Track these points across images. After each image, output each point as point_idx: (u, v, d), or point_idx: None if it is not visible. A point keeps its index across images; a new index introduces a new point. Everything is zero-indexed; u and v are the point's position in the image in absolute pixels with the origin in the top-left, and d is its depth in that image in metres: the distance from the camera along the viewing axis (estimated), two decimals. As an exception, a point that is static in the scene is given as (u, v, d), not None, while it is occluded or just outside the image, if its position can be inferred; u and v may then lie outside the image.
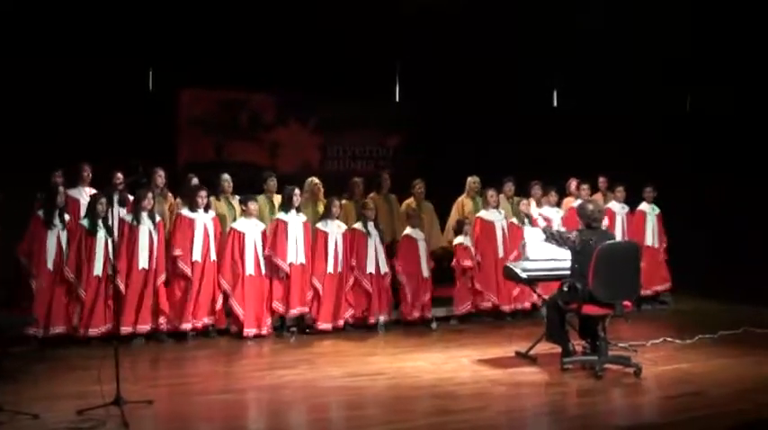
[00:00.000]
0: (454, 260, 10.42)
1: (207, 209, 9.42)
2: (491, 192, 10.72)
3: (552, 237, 7.74)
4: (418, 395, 6.75)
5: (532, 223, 10.58)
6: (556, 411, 6.49)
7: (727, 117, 13.37)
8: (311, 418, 6.32)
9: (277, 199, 10.27)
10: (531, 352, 8.08)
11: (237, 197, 10.14)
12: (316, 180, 10.66)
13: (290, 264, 9.50)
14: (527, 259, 8.55)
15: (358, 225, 10.03)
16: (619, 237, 10.93)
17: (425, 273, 10.20)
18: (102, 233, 8.83)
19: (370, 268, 9.90)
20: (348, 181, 11.00)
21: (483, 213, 10.71)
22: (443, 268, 10.62)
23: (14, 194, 9.34)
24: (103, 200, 8.87)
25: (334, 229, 9.82)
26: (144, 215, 9.06)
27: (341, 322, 9.77)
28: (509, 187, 11.32)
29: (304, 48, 12.52)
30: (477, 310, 10.44)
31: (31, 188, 9.50)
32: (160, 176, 9.89)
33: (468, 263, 10.31)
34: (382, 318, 9.90)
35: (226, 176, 10.17)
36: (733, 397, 6.60)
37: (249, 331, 9.26)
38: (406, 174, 12.05)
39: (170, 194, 10.11)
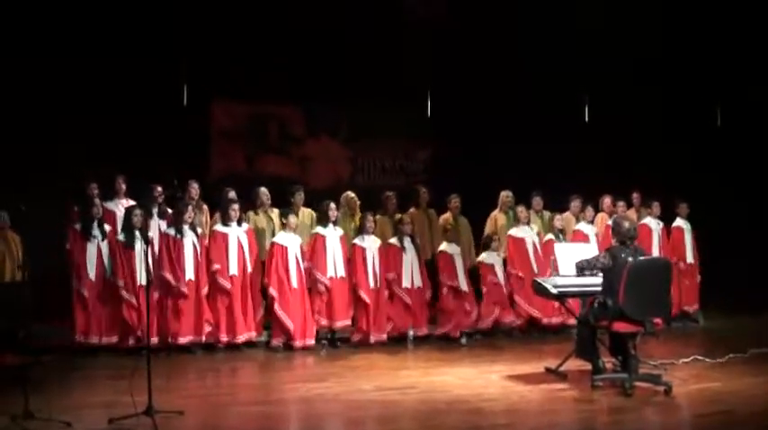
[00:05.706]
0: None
1: (240, 222, 9.51)
2: (521, 208, 10.73)
3: (584, 269, 7.70)
4: (449, 410, 6.74)
5: (568, 238, 10.59)
6: (586, 428, 6.47)
7: (756, 131, 13.32)
8: (343, 432, 6.36)
9: (303, 212, 10.31)
10: (561, 368, 8.06)
11: (276, 210, 10.22)
12: (352, 194, 10.74)
13: (330, 278, 9.58)
14: (558, 274, 8.54)
15: (394, 240, 10.08)
16: (655, 253, 10.84)
17: (464, 287, 10.22)
18: (140, 245, 8.77)
19: (406, 283, 9.95)
20: (379, 194, 11.02)
21: (513, 230, 10.71)
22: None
23: (52, 207, 9.53)
24: (138, 211, 8.96)
25: (371, 245, 9.87)
26: (186, 227, 9.17)
27: (384, 336, 9.81)
28: (537, 201, 11.31)
29: (334, 60, 12.62)
30: (510, 326, 10.43)
31: (68, 201, 9.69)
32: (194, 188, 9.99)
33: (493, 279, 10.33)
34: (412, 333, 9.95)
35: (264, 190, 10.23)
36: (764, 416, 6.53)
37: (298, 343, 9.35)
38: (437, 187, 12.03)
39: (205, 206, 10.21)
